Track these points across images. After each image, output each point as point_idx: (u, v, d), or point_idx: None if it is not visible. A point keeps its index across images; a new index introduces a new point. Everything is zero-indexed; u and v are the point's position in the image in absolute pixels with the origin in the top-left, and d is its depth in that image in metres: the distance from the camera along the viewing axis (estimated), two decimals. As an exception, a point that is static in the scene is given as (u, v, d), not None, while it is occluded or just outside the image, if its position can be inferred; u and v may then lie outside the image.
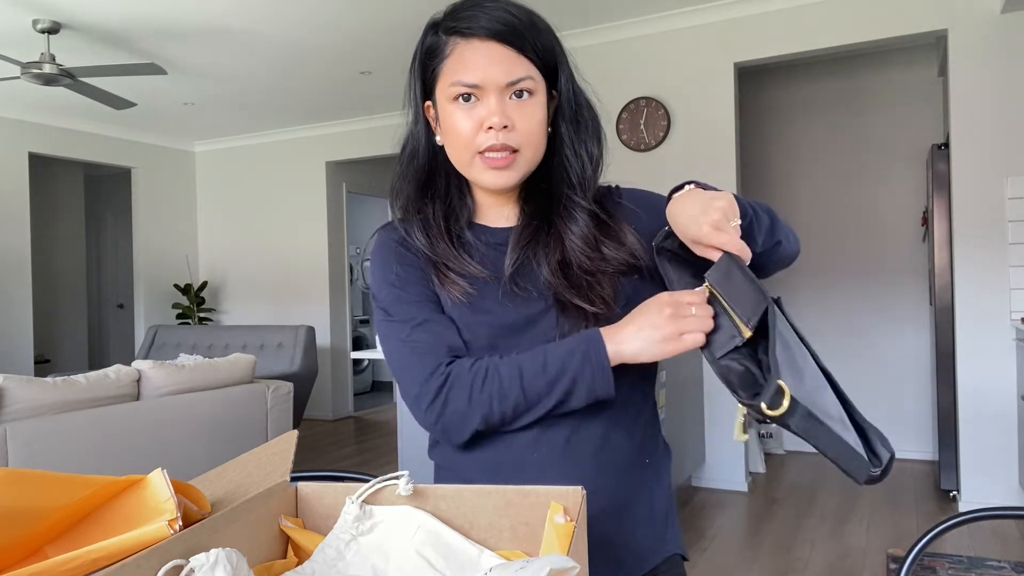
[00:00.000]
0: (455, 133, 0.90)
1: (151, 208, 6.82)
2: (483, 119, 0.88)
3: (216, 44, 4.42)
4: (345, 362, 6.77)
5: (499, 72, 0.88)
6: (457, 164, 0.94)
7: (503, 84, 0.88)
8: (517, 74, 0.88)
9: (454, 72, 0.89)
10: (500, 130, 0.88)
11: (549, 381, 0.84)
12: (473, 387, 0.87)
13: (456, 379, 0.88)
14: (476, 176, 0.93)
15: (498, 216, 0.99)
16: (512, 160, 0.90)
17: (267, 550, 0.69)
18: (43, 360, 6.67)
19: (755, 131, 5.12)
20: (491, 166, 0.90)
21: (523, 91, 0.89)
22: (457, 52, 0.89)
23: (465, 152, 0.91)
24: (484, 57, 0.88)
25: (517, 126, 0.89)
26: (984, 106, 3.59)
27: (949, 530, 1.05)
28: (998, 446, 3.56)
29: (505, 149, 0.89)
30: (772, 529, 3.45)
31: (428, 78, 0.93)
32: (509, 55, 0.88)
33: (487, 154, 0.90)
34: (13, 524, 0.54)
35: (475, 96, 0.89)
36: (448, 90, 0.89)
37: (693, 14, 4.12)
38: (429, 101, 0.95)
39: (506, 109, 0.88)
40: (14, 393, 2.64)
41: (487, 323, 0.92)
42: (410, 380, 0.91)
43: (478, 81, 0.88)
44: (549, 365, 0.85)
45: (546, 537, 0.65)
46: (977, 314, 3.61)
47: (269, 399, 3.59)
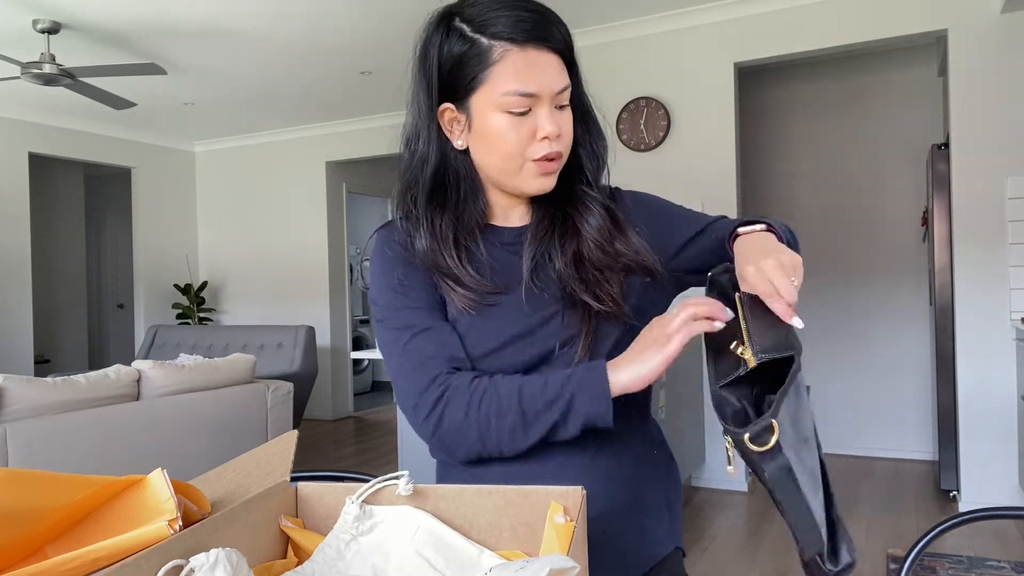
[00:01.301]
0: (503, 142, 0.88)
1: (151, 208, 6.82)
2: (535, 129, 0.88)
3: (216, 44, 4.42)
4: (345, 362, 6.77)
5: (555, 82, 0.87)
6: (498, 171, 0.92)
7: (555, 93, 0.88)
8: (565, 81, 0.89)
9: (508, 81, 0.86)
10: (555, 139, 0.88)
11: (547, 401, 0.83)
12: (471, 402, 0.85)
13: (454, 393, 0.86)
14: (522, 183, 0.92)
15: (511, 216, 0.99)
16: (559, 164, 0.92)
17: (267, 550, 0.69)
18: (43, 360, 6.67)
19: (755, 131, 5.12)
20: (543, 171, 0.90)
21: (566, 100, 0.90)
22: (511, 60, 0.86)
23: (514, 160, 0.90)
24: (543, 67, 0.86)
25: (563, 132, 0.90)
26: (984, 106, 3.59)
27: (949, 530, 1.05)
28: (998, 446, 3.56)
29: (558, 157, 0.90)
30: (772, 529, 3.45)
31: (459, 82, 0.89)
32: (558, 63, 0.88)
33: (539, 161, 0.89)
34: (13, 524, 0.54)
35: (531, 107, 0.87)
36: (500, 100, 0.87)
37: (693, 14, 4.12)
38: (449, 104, 0.91)
39: (555, 117, 0.89)
40: (14, 393, 2.64)
41: (495, 329, 0.91)
42: (408, 390, 0.89)
43: (537, 91, 0.86)
44: (549, 385, 0.84)
45: (546, 537, 0.65)
46: (977, 314, 3.61)
47: (269, 399, 3.59)
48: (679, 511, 1.02)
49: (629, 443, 0.96)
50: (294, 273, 6.74)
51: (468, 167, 0.94)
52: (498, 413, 0.84)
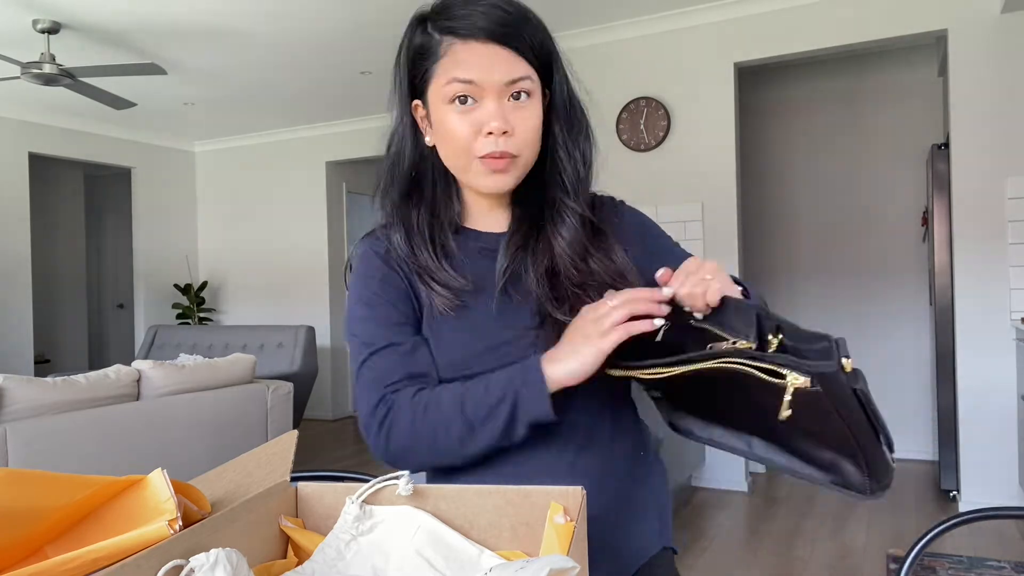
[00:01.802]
0: (451, 137, 0.88)
1: (151, 208, 6.82)
2: (482, 123, 0.86)
3: (216, 44, 4.42)
4: (345, 362, 6.77)
5: (498, 72, 0.85)
6: (452, 168, 0.92)
7: (502, 84, 0.85)
8: (516, 73, 0.86)
9: (449, 71, 0.86)
10: (500, 135, 0.86)
11: (490, 406, 0.82)
12: (415, 418, 0.85)
13: (398, 410, 0.86)
14: (473, 180, 0.91)
15: (489, 220, 0.97)
16: (510, 163, 0.88)
17: (267, 550, 0.69)
18: (43, 360, 6.67)
19: (755, 131, 5.12)
20: (491, 169, 0.88)
21: (521, 92, 0.87)
22: (452, 52, 0.86)
23: (462, 156, 0.89)
24: (483, 58, 0.85)
25: (516, 130, 0.87)
26: (984, 106, 3.59)
27: (949, 530, 1.05)
28: (998, 446, 3.56)
29: (505, 156, 0.87)
30: (772, 529, 3.45)
31: (418, 77, 0.90)
32: (507, 55, 0.86)
33: (487, 159, 0.87)
34: (13, 524, 0.54)
35: (472, 97, 0.86)
36: (443, 90, 0.87)
37: (693, 14, 4.12)
38: (418, 101, 0.92)
39: (505, 112, 0.86)
40: (14, 393, 2.64)
41: (463, 342, 0.90)
42: (362, 408, 0.89)
43: (475, 78, 0.85)
44: (491, 388, 0.83)
45: (546, 537, 0.65)
46: (977, 314, 3.61)
47: (269, 399, 3.59)
48: (669, 511, 1.02)
49: (615, 444, 0.95)
50: (294, 273, 6.74)
51: (439, 163, 0.94)
52: (443, 424, 0.84)
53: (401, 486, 0.71)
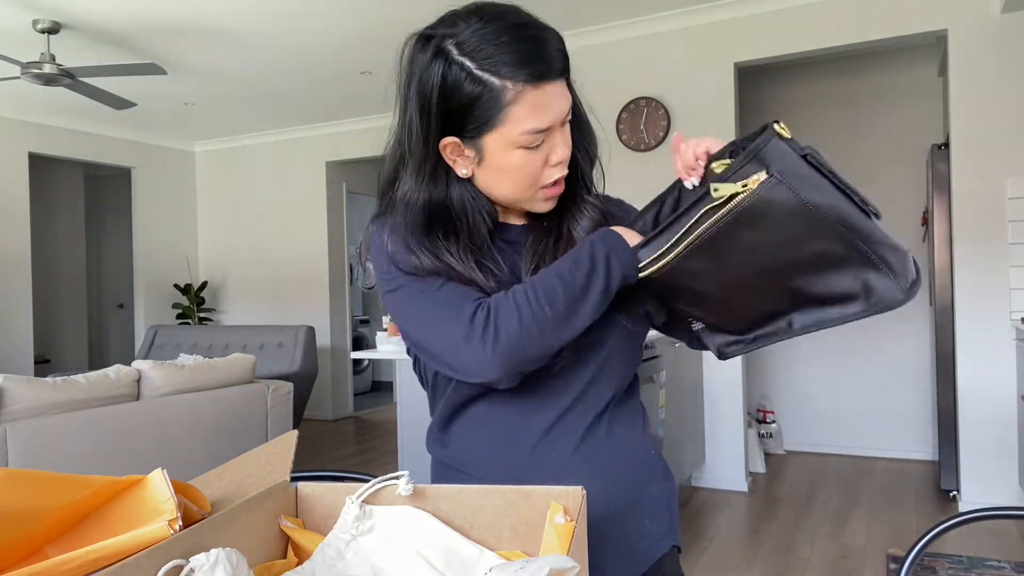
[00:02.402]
0: (520, 175, 0.89)
1: (151, 208, 6.82)
2: (547, 156, 0.89)
3: (216, 44, 4.42)
4: (345, 362, 6.77)
5: (564, 109, 0.88)
6: (508, 198, 0.92)
7: (564, 117, 0.88)
8: (570, 103, 0.89)
9: (524, 121, 0.85)
10: (566, 161, 0.90)
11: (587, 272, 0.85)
12: (519, 303, 0.84)
13: (499, 304, 0.85)
14: (529, 205, 0.94)
15: (510, 215, 1.00)
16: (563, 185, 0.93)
17: (267, 550, 0.69)
18: (43, 360, 6.67)
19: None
20: (553, 195, 0.93)
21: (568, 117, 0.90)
22: (526, 101, 0.84)
23: (528, 189, 0.91)
24: (554, 99, 0.86)
25: (569, 150, 0.91)
26: (984, 106, 3.59)
27: (949, 530, 1.05)
28: (998, 446, 3.56)
29: (564, 175, 0.92)
30: (772, 529, 3.45)
31: (467, 121, 0.86)
32: (564, 87, 0.88)
33: (550, 187, 0.91)
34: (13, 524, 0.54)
35: (544, 139, 0.88)
36: (517, 138, 0.86)
37: (693, 14, 4.12)
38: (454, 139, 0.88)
39: (565, 139, 0.90)
40: (14, 393, 2.64)
41: None
42: (452, 327, 0.85)
43: (552, 123, 0.87)
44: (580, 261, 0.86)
45: (546, 537, 0.65)
46: (977, 314, 3.61)
47: (269, 399, 3.59)
48: (676, 510, 1.03)
49: (628, 442, 0.96)
50: (294, 273, 6.74)
51: (472, 191, 0.93)
52: (549, 300, 0.84)
53: (401, 486, 0.71)
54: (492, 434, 0.93)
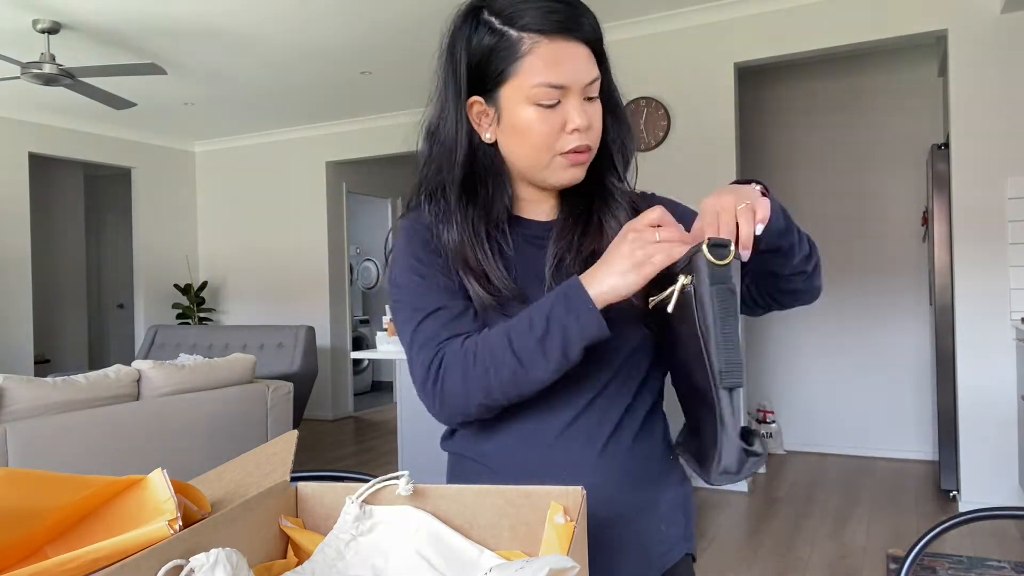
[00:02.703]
0: (533, 135, 0.88)
1: (151, 208, 6.83)
2: (565, 121, 0.87)
3: (216, 44, 4.42)
4: (345, 362, 6.77)
5: (584, 74, 0.86)
6: (524, 164, 0.92)
7: (585, 84, 0.87)
8: (594, 73, 0.88)
9: (538, 73, 0.85)
10: (585, 132, 0.88)
11: (538, 338, 0.81)
12: (466, 363, 0.85)
13: (450, 358, 0.86)
14: (550, 175, 0.91)
15: (538, 209, 0.98)
16: (588, 156, 0.91)
17: (267, 550, 0.69)
18: (43, 360, 6.67)
19: (755, 131, 5.12)
20: (573, 163, 0.90)
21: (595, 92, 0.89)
22: (538, 52, 0.85)
23: (544, 154, 0.89)
24: (572, 59, 0.85)
25: (593, 124, 0.89)
26: (984, 106, 3.59)
27: (949, 530, 1.05)
28: (998, 446, 3.56)
29: (586, 150, 0.89)
30: (772, 529, 3.45)
31: (486, 75, 0.88)
32: (587, 54, 0.87)
33: (568, 154, 0.89)
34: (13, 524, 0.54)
35: (558, 99, 0.87)
36: (530, 92, 0.86)
37: (693, 14, 4.12)
38: (477, 97, 0.90)
39: (584, 108, 0.88)
40: (14, 393, 2.64)
41: None
42: (415, 370, 0.89)
43: (567, 83, 0.85)
44: (535, 322, 0.82)
45: (546, 537, 0.65)
46: (977, 314, 3.61)
47: (269, 399, 3.59)
48: (693, 516, 1.01)
49: (645, 444, 0.95)
50: (294, 273, 6.74)
51: (496, 160, 0.93)
52: (494, 364, 0.83)
53: (401, 486, 0.71)
54: (508, 432, 0.92)
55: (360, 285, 8.45)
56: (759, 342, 5.13)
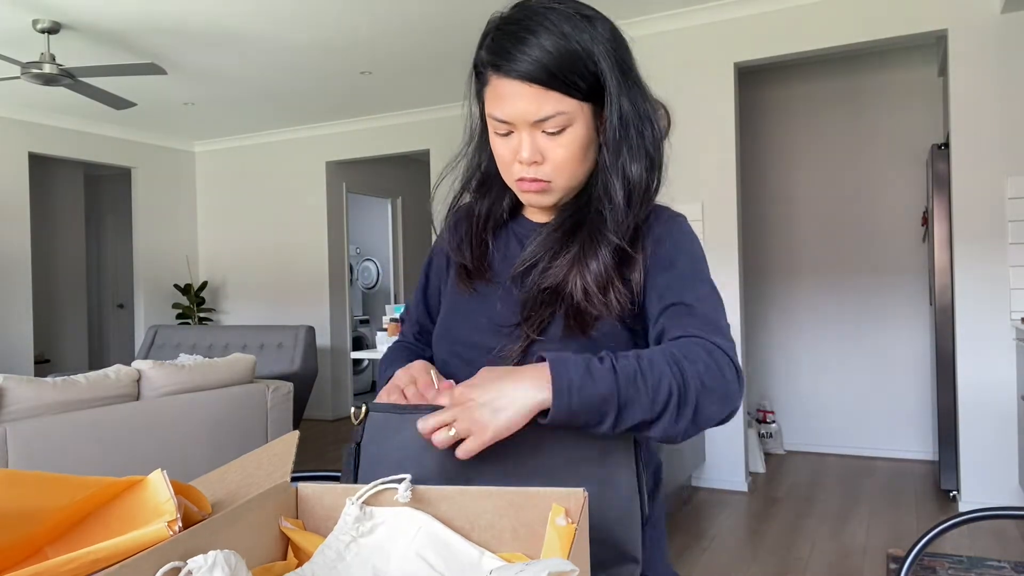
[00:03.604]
0: (497, 156, 0.95)
1: (151, 208, 6.82)
2: (516, 151, 0.91)
3: (216, 44, 4.41)
4: (345, 362, 6.77)
5: (529, 113, 0.88)
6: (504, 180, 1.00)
7: (531, 122, 0.88)
8: (544, 112, 0.87)
9: (490, 104, 0.91)
10: (530, 164, 0.90)
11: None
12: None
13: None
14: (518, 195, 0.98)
15: (539, 214, 1.03)
16: (545, 187, 0.93)
17: (267, 551, 0.69)
18: (43, 360, 6.67)
19: (755, 131, 5.12)
20: (525, 190, 0.94)
21: (550, 128, 0.89)
22: (493, 85, 0.90)
23: (506, 174, 0.96)
24: (515, 98, 0.87)
25: (547, 159, 0.90)
26: (984, 106, 3.59)
27: (949, 530, 1.05)
28: (998, 446, 3.56)
29: (537, 182, 0.92)
30: (772, 529, 3.45)
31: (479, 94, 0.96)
32: (539, 94, 0.86)
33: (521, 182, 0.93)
34: (14, 525, 0.54)
35: (509, 129, 0.90)
36: (488, 119, 0.93)
37: (693, 14, 4.12)
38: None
39: (537, 143, 0.89)
40: (14, 393, 2.64)
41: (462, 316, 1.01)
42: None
43: (510, 119, 0.89)
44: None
45: (547, 539, 0.64)
46: (977, 314, 3.61)
47: (269, 399, 3.59)
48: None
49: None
50: (294, 273, 6.74)
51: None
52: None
53: (400, 492, 0.70)
54: None
55: (360, 285, 8.45)
56: (759, 342, 5.13)
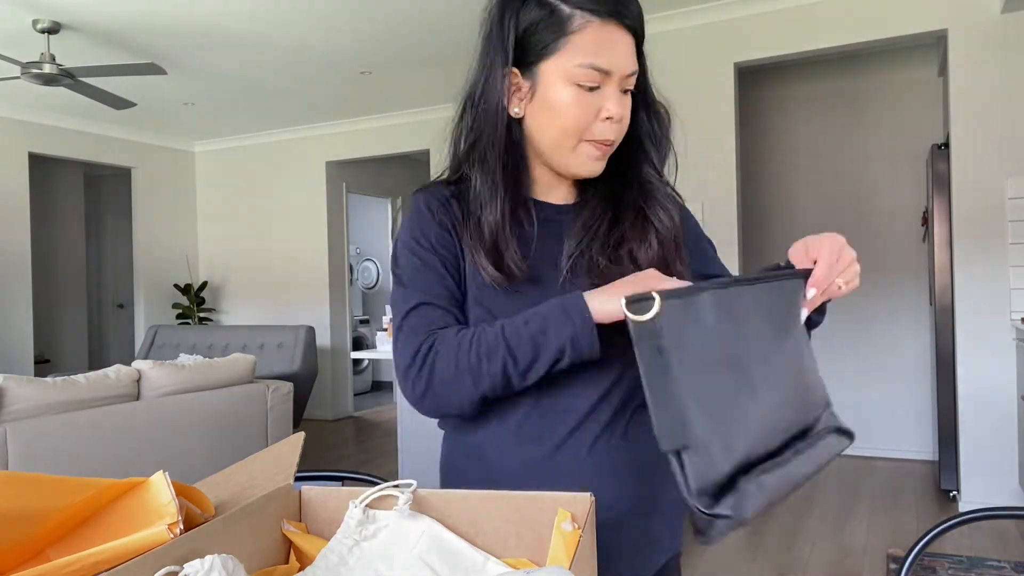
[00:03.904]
0: (566, 116, 0.86)
1: (151, 208, 6.82)
2: (600, 108, 0.86)
3: (216, 44, 4.41)
4: (345, 362, 6.77)
5: (628, 64, 0.85)
6: (552, 146, 0.89)
7: (626, 75, 0.86)
8: (635, 66, 0.87)
9: (585, 53, 0.83)
10: (618, 122, 0.87)
11: (531, 335, 0.81)
12: (460, 350, 0.84)
13: (442, 344, 0.85)
14: (572, 162, 0.89)
15: (551, 193, 0.96)
16: (610, 151, 0.90)
17: (269, 555, 0.69)
18: (43, 360, 6.66)
19: (755, 131, 5.12)
20: (598, 154, 0.89)
21: (631, 84, 0.88)
22: (590, 32, 0.83)
23: (571, 137, 0.87)
24: (620, 45, 0.84)
25: (624, 118, 0.88)
26: (984, 106, 3.58)
27: (949, 530, 1.05)
28: (998, 446, 3.56)
29: (612, 143, 0.89)
30: (772, 529, 3.45)
31: (530, 47, 0.86)
32: (632, 45, 0.86)
33: (595, 142, 0.87)
34: (15, 526, 0.54)
35: (600, 84, 0.85)
36: (572, 71, 0.84)
37: (693, 14, 4.11)
38: (515, 68, 0.88)
39: (622, 101, 0.87)
40: (14, 393, 2.63)
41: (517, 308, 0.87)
42: (402, 355, 0.88)
43: (612, 68, 0.84)
44: (530, 321, 0.82)
45: (553, 544, 0.64)
46: (977, 314, 3.60)
47: (269, 399, 3.58)
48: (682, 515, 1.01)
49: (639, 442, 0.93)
50: (294, 273, 6.74)
51: (520, 136, 0.91)
52: (487, 354, 0.83)
53: (400, 502, 0.70)
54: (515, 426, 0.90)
55: (360, 285, 8.45)
56: (759, 342, 5.12)
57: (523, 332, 0.82)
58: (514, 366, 0.82)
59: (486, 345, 0.83)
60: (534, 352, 0.81)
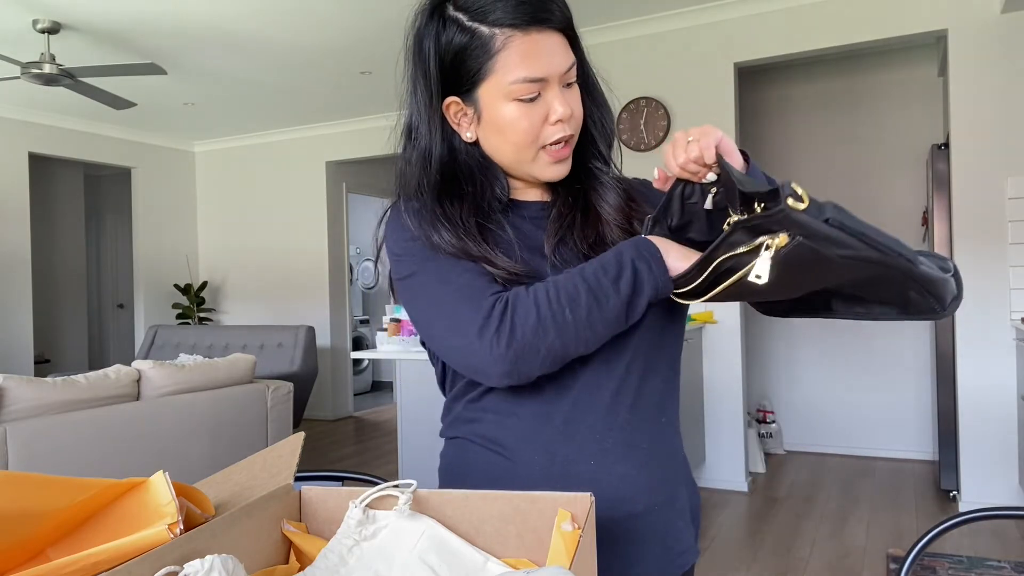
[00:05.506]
0: (516, 132, 0.86)
1: (151, 208, 6.82)
2: (547, 113, 0.85)
3: (216, 44, 4.41)
4: (345, 362, 6.77)
5: (560, 63, 0.84)
6: (511, 161, 0.89)
7: (562, 73, 0.85)
8: (570, 60, 0.86)
9: (516, 69, 0.83)
10: (568, 120, 0.86)
11: (612, 278, 0.80)
12: (539, 301, 0.80)
13: (517, 299, 0.81)
14: (536, 170, 0.89)
15: (531, 193, 0.96)
16: (569, 147, 0.89)
17: (269, 555, 0.69)
18: (43, 360, 6.66)
19: (755, 131, 5.12)
20: (557, 159, 0.88)
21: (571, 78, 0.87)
22: (515, 47, 0.82)
23: (528, 150, 0.87)
24: (546, 49, 0.83)
25: (574, 113, 0.87)
26: (984, 106, 3.59)
27: (949, 530, 1.05)
28: (998, 446, 3.56)
29: (571, 139, 0.88)
30: (772, 529, 3.45)
31: (460, 75, 0.85)
32: (561, 42, 0.85)
33: (552, 148, 0.87)
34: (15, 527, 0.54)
35: (540, 91, 0.85)
36: (508, 88, 0.84)
37: (693, 14, 4.12)
38: (454, 97, 0.88)
39: (566, 98, 0.86)
40: (14, 393, 2.63)
41: None
42: (467, 319, 0.81)
43: (545, 74, 0.83)
44: (608, 265, 0.81)
45: (553, 545, 0.64)
46: (977, 314, 3.61)
47: (269, 399, 3.58)
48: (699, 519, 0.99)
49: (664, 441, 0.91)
50: (294, 273, 6.74)
51: (481, 157, 0.91)
52: (570, 302, 0.80)
53: (400, 503, 0.70)
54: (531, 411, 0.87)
55: (360, 285, 8.45)
56: (759, 342, 5.12)
57: (603, 278, 0.81)
58: (600, 313, 0.81)
59: (567, 294, 0.80)
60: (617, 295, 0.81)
